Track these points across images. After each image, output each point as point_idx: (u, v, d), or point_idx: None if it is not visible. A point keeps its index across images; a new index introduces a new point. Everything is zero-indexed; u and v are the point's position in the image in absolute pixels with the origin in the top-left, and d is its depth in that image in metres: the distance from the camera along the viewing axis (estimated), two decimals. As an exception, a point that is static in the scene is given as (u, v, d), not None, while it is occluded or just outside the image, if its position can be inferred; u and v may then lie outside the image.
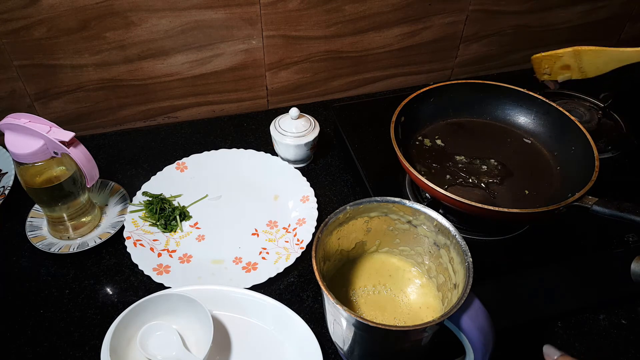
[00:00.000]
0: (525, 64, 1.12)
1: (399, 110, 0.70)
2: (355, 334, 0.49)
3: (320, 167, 0.87)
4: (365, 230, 0.58)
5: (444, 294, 0.55)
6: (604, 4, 1.05)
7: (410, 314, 0.55)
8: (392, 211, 0.56)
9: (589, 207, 0.57)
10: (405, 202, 0.54)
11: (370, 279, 0.58)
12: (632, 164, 0.79)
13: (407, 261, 0.60)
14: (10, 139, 0.62)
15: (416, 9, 0.94)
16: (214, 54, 0.90)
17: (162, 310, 0.60)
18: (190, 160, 0.85)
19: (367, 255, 0.61)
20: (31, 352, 0.61)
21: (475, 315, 0.45)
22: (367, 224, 0.57)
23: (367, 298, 0.57)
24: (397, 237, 0.58)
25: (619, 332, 0.64)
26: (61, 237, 0.73)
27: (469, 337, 0.45)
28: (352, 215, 0.55)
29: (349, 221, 0.56)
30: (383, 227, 0.58)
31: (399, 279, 0.59)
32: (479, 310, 0.45)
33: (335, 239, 0.56)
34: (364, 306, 0.56)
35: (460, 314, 0.44)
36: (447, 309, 0.45)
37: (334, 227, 0.54)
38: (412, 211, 0.55)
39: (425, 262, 0.58)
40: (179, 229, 0.76)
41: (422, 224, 0.55)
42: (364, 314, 0.55)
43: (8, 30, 0.77)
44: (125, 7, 0.80)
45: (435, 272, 0.56)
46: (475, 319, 0.45)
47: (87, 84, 0.88)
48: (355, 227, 0.57)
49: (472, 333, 0.44)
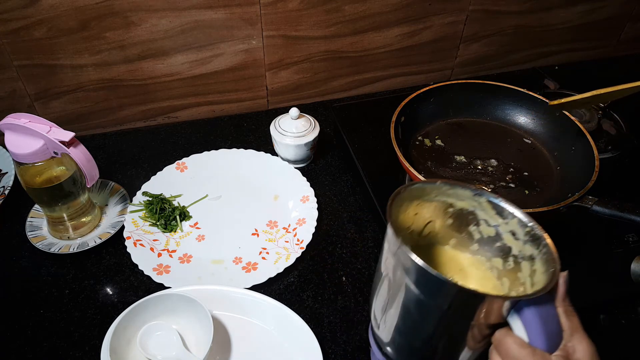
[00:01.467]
0: (525, 64, 1.13)
1: (399, 110, 0.70)
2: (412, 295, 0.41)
3: (320, 167, 0.87)
4: (444, 217, 0.50)
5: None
6: (604, 4, 1.05)
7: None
8: (482, 207, 0.47)
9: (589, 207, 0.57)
10: (501, 202, 0.45)
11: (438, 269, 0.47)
12: (632, 164, 0.79)
13: (480, 267, 0.51)
14: (10, 139, 0.62)
15: (416, 9, 0.94)
16: (214, 54, 0.90)
17: (162, 310, 0.60)
18: (190, 160, 0.85)
19: (437, 247, 0.52)
20: (31, 352, 0.61)
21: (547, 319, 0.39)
22: (448, 211, 0.49)
23: None
24: (474, 241, 0.50)
25: (619, 332, 0.64)
26: (61, 237, 0.73)
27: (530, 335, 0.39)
28: (438, 193, 0.47)
29: (434, 199, 0.48)
30: (464, 222, 0.49)
31: (465, 277, 0.50)
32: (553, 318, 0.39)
33: (413, 212, 0.48)
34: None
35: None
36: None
37: (417, 195, 0.47)
38: (504, 213, 0.46)
39: (497, 275, 0.49)
40: (179, 229, 0.76)
41: (510, 230, 0.46)
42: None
43: (8, 30, 0.77)
44: (125, 7, 0.80)
45: (508, 287, 0.47)
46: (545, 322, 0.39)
47: (87, 84, 0.88)
48: (435, 210, 0.49)
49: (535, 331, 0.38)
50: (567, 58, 1.14)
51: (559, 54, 1.13)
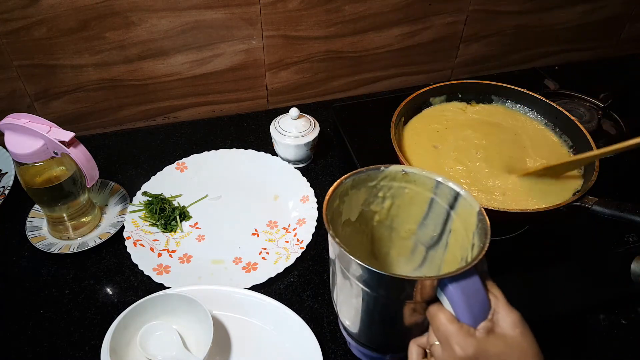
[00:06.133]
0: (525, 64, 1.13)
1: (399, 110, 0.70)
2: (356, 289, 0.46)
3: (320, 167, 0.87)
4: (399, 200, 0.55)
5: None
6: (604, 4, 1.05)
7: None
8: (417, 183, 0.52)
9: (589, 207, 0.57)
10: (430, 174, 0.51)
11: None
12: (632, 164, 0.79)
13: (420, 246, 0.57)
14: (10, 139, 0.62)
15: (416, 9, 0.94)
16: (214, 54, 0.90)
17: (162, 310, 0.60)
18: (190, 160, 0.85)
19: (395, 231, 0.58)
20: (31, 352, 0.61)
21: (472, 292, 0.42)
22: (403, 194, 0.54)
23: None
24: (422, 219, 0.55)
25: (619, 332, 0.64)
26: (61, 237, 0.73)
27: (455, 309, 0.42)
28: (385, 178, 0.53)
29: (385, 184, 0.53)
30: (408, 202, 0.55)
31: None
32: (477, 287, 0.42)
33: (362, 199, 0.54)
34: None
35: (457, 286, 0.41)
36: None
37: (362, 183, 0.52)
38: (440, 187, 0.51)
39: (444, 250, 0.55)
40: (179, 229, 0.76)
41: (448, 202, 0.51)
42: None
43: (8, 30, 0.77)
44: (125, 7, 0.80)
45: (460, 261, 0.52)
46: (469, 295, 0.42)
47: (87, 84, 0.88)
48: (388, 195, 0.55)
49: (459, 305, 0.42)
50: (567, 58, 1.14)
51: (559, 54, 1.13)
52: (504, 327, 0.41)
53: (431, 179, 0.51)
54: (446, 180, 0.50)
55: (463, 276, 0.41)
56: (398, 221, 0.57)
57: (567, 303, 0.66)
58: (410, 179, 0.52)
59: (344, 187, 0.51)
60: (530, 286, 0.65)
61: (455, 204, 0.50)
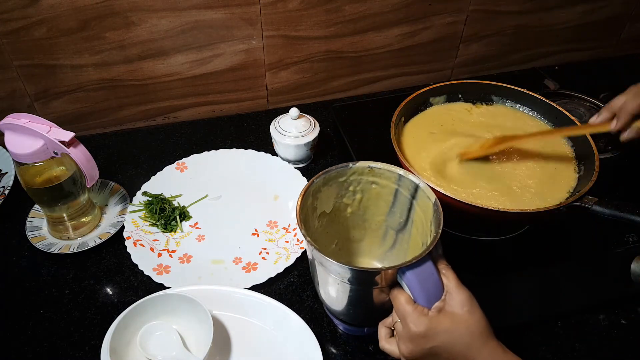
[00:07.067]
0: (525, 64, 1.13)
1: (399, 110, 0.70)
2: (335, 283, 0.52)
3: (320, 167, 0.87)
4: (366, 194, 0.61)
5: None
6: (604, 4, 1.05)
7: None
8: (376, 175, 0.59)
9: (589, 207, 0.57)
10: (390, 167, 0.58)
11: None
12: (632, 164, 0.79)
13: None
14: (10, 139, 0.62)
15: (416, 9, 0.94)
16: (214, 54, 0.90)
17: (162, 310, 0.60)
18: (190, 160, 0.85)
19: (367, 222, 0.64)
20: (31, 352, 0.61)
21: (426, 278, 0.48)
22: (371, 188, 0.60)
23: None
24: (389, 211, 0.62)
25: (619, 332, 0.64)
26: (61, 237, 0.73)
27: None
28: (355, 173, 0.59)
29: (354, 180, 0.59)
30: (375, 195, 0.61)
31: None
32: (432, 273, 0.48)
33: (334, 194, 0.60)
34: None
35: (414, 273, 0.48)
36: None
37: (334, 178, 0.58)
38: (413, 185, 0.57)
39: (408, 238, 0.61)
40: (179, 229, 0.76)
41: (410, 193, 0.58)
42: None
43: (8, 30, 0.77)
44: (125, 7, 0.80)
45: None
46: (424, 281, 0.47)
47: (87, 84, 0.88)
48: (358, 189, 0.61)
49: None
50: (567, 58, 1.14)
51: (559, 54, 1.13)
52: (453, 306, 0.46)
53: (394, 172, 0.58)
54: (407, 173, 0.57)
55: (417, 264, 0.47)
56: (369, 213, 0.64)
57: (567, 303, 0.66)
58: (376, 173, 0.59)
59: (315, 185, 0.57)
60: (530, 286, 0.65)
61: (416, 194, 0.57)
